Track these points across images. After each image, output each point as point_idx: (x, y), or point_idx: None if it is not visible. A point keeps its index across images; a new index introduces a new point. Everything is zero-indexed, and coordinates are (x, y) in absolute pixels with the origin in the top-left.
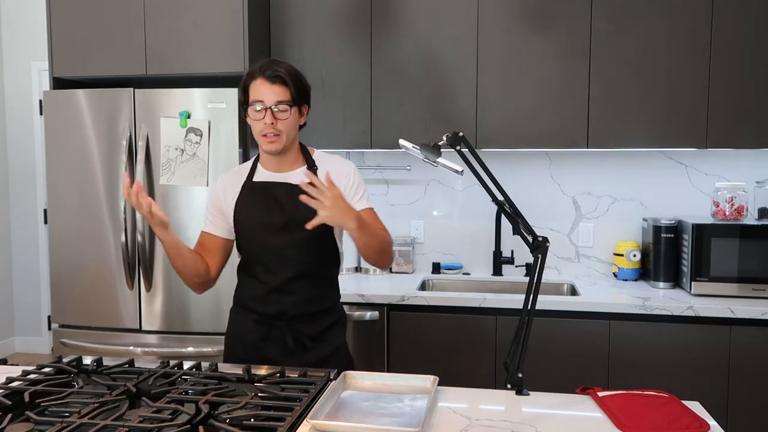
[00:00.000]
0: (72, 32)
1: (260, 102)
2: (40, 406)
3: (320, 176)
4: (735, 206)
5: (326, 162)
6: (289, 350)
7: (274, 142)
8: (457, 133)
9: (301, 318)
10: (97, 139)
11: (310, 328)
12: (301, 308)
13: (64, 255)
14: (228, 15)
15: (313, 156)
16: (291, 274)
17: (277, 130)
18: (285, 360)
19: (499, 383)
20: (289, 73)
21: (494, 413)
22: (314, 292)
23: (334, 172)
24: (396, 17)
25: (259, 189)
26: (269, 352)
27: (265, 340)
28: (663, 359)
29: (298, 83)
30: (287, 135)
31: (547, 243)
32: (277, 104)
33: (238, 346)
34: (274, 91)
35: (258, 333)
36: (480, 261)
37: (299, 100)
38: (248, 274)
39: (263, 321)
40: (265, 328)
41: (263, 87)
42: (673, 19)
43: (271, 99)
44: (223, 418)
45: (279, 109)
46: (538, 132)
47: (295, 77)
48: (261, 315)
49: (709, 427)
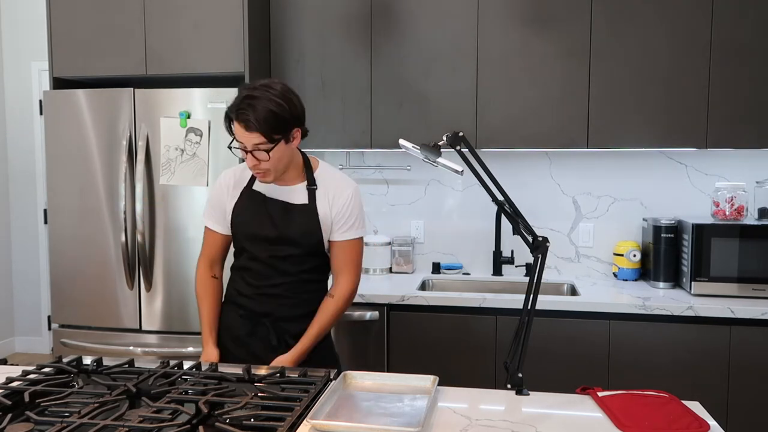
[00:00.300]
0: (72, 32)
1: (240, 143)
2: (40, 406)
3: (318, 196)
4: (735, 206)
5: (327, 181)
6: (272, 347)
7: (264, 176)
8: (457, 133)
9: (288, 318)
10: (97, 139)
11: (295, 326)
12: (288, 311)
13: (64, 255)
14: (228, 15)
15: (315, 172)
16: (280, 281)
17: (262, 169)
18: (268, 356)
19: (499, 383)
20: (260, 119)
21: (494, 413)
22: (301, 296)
23: (331, 193)
24: (396, 17)
25: (256, 199)
26: (254, 347)
27: (250, 335)
28: (663, 359)
29: (274, 124)
30: (275, 168)
31: (547, 243)
32: (254, 147)
33: (227, 339)
34: (249, 137)
35: (244, 328)
36: (480, 261)
37: (280, 138)
38: (240, 273)
39: (249, 317)
40: (250, 324)
41: (239, 131)
42: (673, 19)
43: (249, 143)
44: (223, 418)
45: (258, 150)
46: (538, 132)
47: (269, 121)
48: (248, 311)
49: (709, 427)
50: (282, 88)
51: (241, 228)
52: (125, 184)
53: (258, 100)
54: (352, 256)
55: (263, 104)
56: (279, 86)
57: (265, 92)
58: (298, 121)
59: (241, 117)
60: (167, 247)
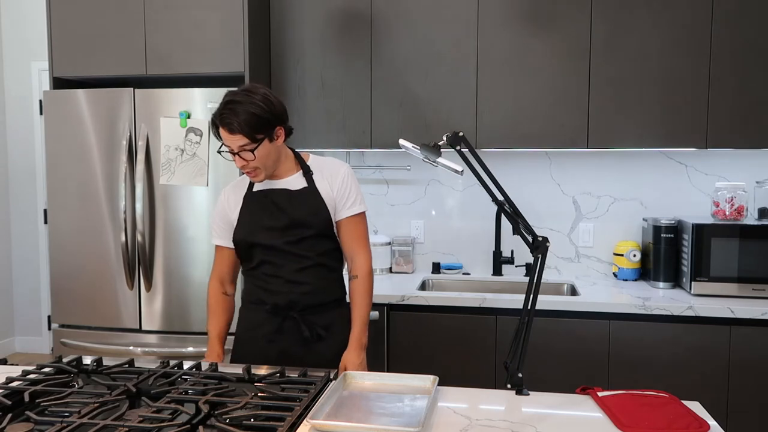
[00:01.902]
0: (72, 32)
1: (228, 146)
2: (40, 406)
3: (315, 181)
4: (735, 206)
5: (320, 165)
6: (304, 339)
7: (256, 176)
8: (457, 133)
9: (311, 309)
10: (97, 139)
11: (321, 319)
12: (310, 299)
13: (64, 255)
14: (228, 15)
15: (308, 161)
16: (297, 266)
17: (251, 168)
18: (300, 350)
19: (499, 383)
20: (242, 121)
21: (494, 413)
22: (321, 283)
23: (327, 174)
24: (396, 17)
25: (258, 197)
26: (284, 344)
27: (278, 332)
28: (663, 359)
29: (255, 125)
30: (265, 165)
31: (547, 243)
32: (240, 149)
33: (250, 342)
34: (233, 139)
35: (272, 325)
36: (480, 261)
37: (263, 137)
38: (255, 273)
39: (276, 312)
40: (278, 319)
41: (224, 134)
42: (673, 19)
43: (234, 145)
44: (223, 418)
45: (243, 151)
46: (538, 132)
47: (250, 123)
48: (273, 306)
49: (709, 427)
50: (262, 91)
51: (252, 225)
52: (125, 184)
53: (239, 105)
54: (360, 231)
55: (244, 108)
56: (260, 90)
57: (246, 96)
58: (280, 120)
59: (224, 121)
60: (167, 247)
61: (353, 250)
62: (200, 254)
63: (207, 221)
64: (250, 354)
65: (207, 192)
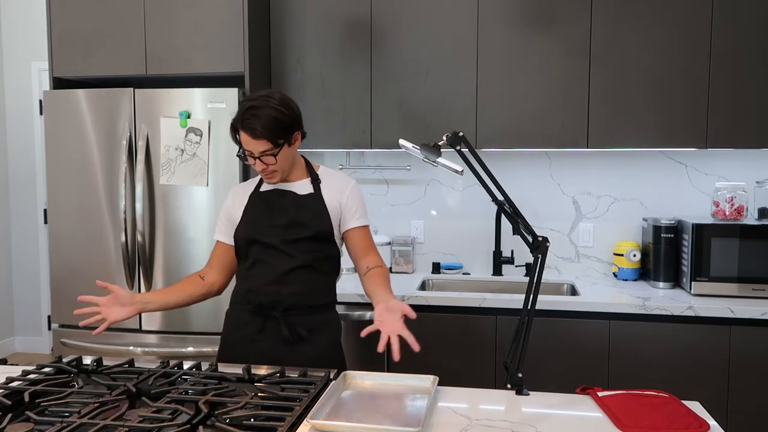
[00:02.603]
0: (72, 32)
1: (248, 151)
2: (40, 406)
3: (322, 188)
4: (735, 206)
5: (329, 177)
6: (284, 339)
7: (273, 177)
8: (457, 133)
9: (297, 311)
10: (97, 139)
11: (306, 321)
12: (295, 299)
13: (63, 255)
14: (228, 15)
15: (318, 171)
16: (290, 266)
17: (270, 171)
18: (280, 351)
19: (499, 383)
20: (265, 126)
21: (494, 413)
22: (310, 285)
23: (335, 186)
24: (396, 17)
25: (264, 196)
26: (265, 344)
27: (261, 331)
28: (663, 359)
29: (277, 130)
30: (282, 168)
31: (547, 243)
32: (261, 153)
33: (234, 341)
34: (256, 144)
35: (254, 324)
36: (480, 261)
37: (284, 142)
38: (248, 272)
39: (259, 311)
40: (261, 319)
41: (246, 139)
42: (673, 19)
43: (256, 150)
44: (223, 418)
45: (265, 155)
46: (538, 132)
47: (272, 127)
48: (257, 306)
49: (709, 427)
50: (280, 96)
51: (252, 221)
52: (125, 184)
53: (261, 110)
54: (369, 240)
55: (266, 113)
56: (278, 95)
57: (266, 102)
58: (297, 124)
59: (248, 126)
60: (167, 247)
61: (365, 253)
62: (200, 254)
63: (207, 221)
64: (232, 354)
65: (207, 192)
